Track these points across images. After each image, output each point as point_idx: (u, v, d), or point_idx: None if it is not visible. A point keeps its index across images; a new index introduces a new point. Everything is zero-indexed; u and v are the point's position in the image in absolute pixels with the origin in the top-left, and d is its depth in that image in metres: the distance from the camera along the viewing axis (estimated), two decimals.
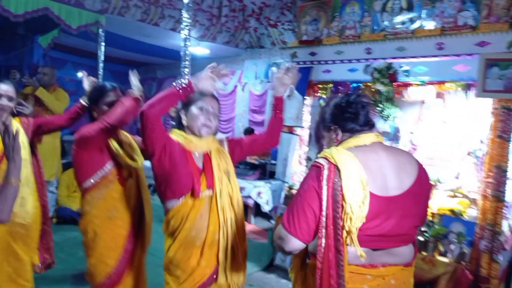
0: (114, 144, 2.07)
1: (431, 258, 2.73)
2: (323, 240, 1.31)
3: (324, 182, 1.31)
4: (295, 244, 1.34)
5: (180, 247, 1.78)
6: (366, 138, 1.44)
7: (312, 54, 3.77)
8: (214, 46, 6.71)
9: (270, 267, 3.83)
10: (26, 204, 2.17)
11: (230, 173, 1.88)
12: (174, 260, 1.79)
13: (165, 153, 1.75)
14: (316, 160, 1.39)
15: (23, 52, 7.30)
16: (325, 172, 1.32)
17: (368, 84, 3.46)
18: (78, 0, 4.83)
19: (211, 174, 1.81)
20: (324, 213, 1.31)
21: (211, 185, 1.80)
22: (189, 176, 1.75)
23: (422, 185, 1.42)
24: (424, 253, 2.79)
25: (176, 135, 1.85)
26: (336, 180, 1.31)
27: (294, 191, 3.82)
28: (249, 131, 6.50)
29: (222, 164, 1.86)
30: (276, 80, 2.03)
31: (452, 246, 2.72)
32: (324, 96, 3.82)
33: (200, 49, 6.70)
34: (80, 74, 2.19)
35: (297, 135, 3.90)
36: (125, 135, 2.20)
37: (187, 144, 1.82)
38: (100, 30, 5.17)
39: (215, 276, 1.81)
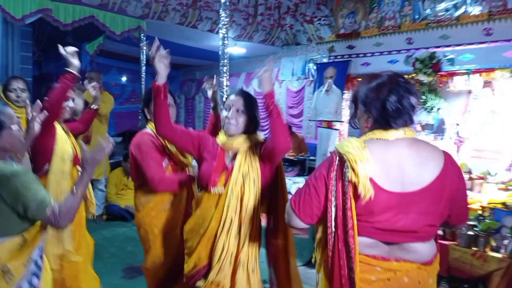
0: (169, 144, 2.18)
1: (482, 253, 2.61)
2: (333, 230, 1.34)
3: (334, 173, 1.34)
4: (298, 222, 1.40)
5: (190, 227, 1.93)
6: (392, 134, 1.36)
7: (350, 47, 3.72)
8: (251, 45, 6.77)
9: (312, 263, 3.82)
10: None
11: (250, 176, 1.82)
12: (185, 234, 1.96)
13: (199, 152, 1.94)
14: (332, 150, 1.41)
15: None
16: (336, 163, 1.34)
17: (409, 75, 3.36)
18: (121, 7, 5.05)
19: (230, 173, 1.86)
20: (333, 203, 1.33)
21: (225, 184, 1.86)
22: (207, 172, 1.87)
23: (445, 182, 1.34)
24: (474, 249, 2.67)
25: (219, 134, 1.96)
26: (345, 170, 1.32)
27: None
28: None
29: (244, 166, 1.84)
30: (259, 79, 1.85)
31: (506, 241, 2.58)
32: None
33: (237, 49, 6.78)
34: (210, 82, 2.17)
35: (336, 129, 3.86)
36: None
37: (220, 143, 1.91)
38: (142, 35, 5.38)
39: (205, 272, 1.86)
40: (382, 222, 1.32)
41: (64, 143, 2.32)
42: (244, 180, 1.82)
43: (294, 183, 5.00)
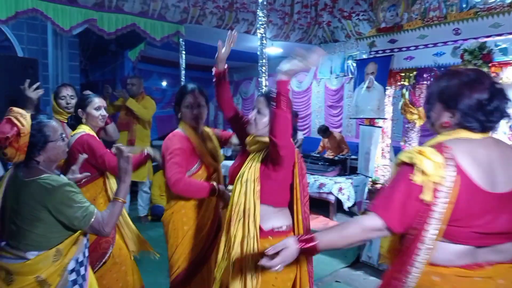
0: (199, 145, 2.21)
1: None
2: (417, 232, 1.25)
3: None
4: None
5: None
6: (480, 134, 1.30)
7: (392, 41, 3.59)
8: (287, 44, 6.72)
9: (356, 264, 3.73)
10: None
11: (244, 176, 1.77)
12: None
13: None
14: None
15: (115, 66, 8.08)
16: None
17: (457, 67, 3.19)
18: (160, 13, 5.20)
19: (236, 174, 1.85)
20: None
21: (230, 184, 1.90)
22: (229, 170, 1.97)
23: None
24: None
25: None
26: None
27: (378, 186, 3.67)
28: (323, 130, 6.39)
29: (246, 168, 1.80)
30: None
31: None
32: (407, 84, 3.61)
33: (274, 49, 6.77)
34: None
35: (379, 127, 3.73)
36: (207, 132, 2.32)
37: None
38: (181, 39, 5.50)
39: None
40: (483, 226, 1.23)
41: None
42: (241, 182, 1.78)
43: (335, 183, 4.92)
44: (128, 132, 4.70)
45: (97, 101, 2.46)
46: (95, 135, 2.44)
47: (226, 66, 2.07)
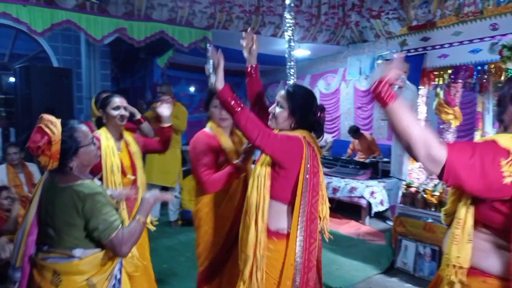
0: (226, 144, 2.19)
1: None
2: None
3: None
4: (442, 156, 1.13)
5: None
6: None
7: (425, 39, 3.46)
8: (315, 46, 6.66)
9: (391, 270, 3.60)
10: None
11: (259, 174, 1.75)
12: None
13: None
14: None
15: (145, 73, 8.27)
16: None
17: (495, 64, 3.03)
18: (187, 19, 5.27)
19: None
20: None
21: None
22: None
23: None
24: None
25: None
26: None
27: (412, 189, 3.53)
28: (353, 131, 6.25)
29: (260, 162, 1.79)
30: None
31: None
32: (441, 83, 3.47)
33: (301, 51, 6.71)
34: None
35: None
36: (237, 133, 2.31)
37: None
38: (208, 45, 5.55)
39: None
40: None
41: (111, 155, 2.37)
42: (253, 174, 1.78)
43: (367, 187, 4.79)
44: None
45: (117, 100, 2.43)
46: (101, 139, 2.41)
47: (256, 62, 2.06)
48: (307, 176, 1.72)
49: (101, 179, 2.27)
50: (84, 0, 4.55)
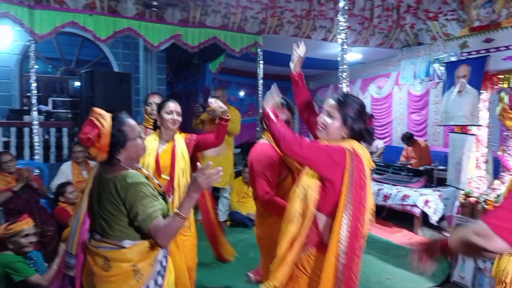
0: (288, 158, 2.18)
1: None
2: None
3: None
4: (500, 246, 1.12)
5: None
6: None
7: (488, 41, 3.27)
8: (367, 50, 6.52)
9: (446, 284, 3.42)
10: None
11: (308, 185, 1.72)
12: None
13: None
14: None
15: (197, 78, 8.55)
16: None
17: None
18: (239, 25, 5.39)
19: None
20: None
21: None
22: None
23: None
24: None
25: None
26: None
27: (472, 199, 3.34)
28: (407, 138, 6.02)
29: (308, 172, 1.77)
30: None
31: None
32: (506, 87, 3.25)
33: (352, 55, 6.60)
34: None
35: (472, 135, 3.41)
36: None
37: None
38: (259, 49, 5.63)
39: None
40: None
41: (146, 155, 2.43)
42: (300, 183, 1.75)
43: (421, 195, 4.59)
44: None
45: (171, 105, 2.54)
46: (154, 141, 2.53)
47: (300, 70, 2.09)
48: (352, 189, 1.62)
49: None
50: (144, 8, 4.81)
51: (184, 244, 2.50)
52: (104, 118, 1.61)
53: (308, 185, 1.68)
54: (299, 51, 2.03)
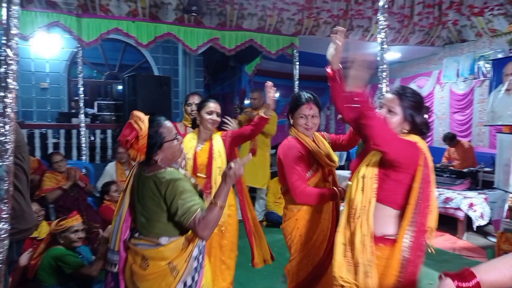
0: (315, 148, 2.19)
1: None
2: None
3: None
4: None
5: None
6: None
7: None
8: (406, 48, 6.35)
9: None
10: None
11: (364, 175, 1.69)
12: None
13: None
14: None
15: (234, 80, 8.67)
16: None
17: None
18: (276, 27, 5.42)
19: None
20: None
21: None
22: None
23: None
24: None
25: None
26: None
27: None
28: (449, 138, 5.79)
29: (365, 163, 1.73)
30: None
31: None
32: None
33: (391, 54, 6.44)
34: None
35: None
36: (318, 136, 2.30)
37: None
38: (295, 51, 5.64)
39: None
40: None
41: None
42: (356, 175, 1.69)
43: (464, 198, 4.41)
44: (251, 142, 4.97)
45: (211, 105, 2.57)
46: (192, 140, 2.59)
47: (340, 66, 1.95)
48: (422, 184, 1.59)
49: None
50: (183, 13, 4.96)
51: (223, 243, 2.57)
52: (142, 121, 1.68)
53: (365, 175, 1.65)
54: (338, 40, 1.88)
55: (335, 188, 2.14)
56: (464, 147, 5.72)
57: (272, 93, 2.47)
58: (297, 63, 5.69)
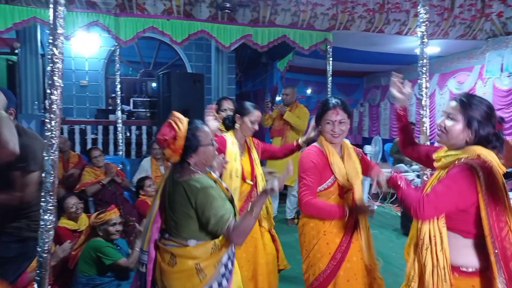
0: (334, 162, 2.13)
1: None
2: None
3: None
4: None
5: None
6: None
7: None
8: (446, 42, 6.08)
9: None
10: None
11: None
12: None
13: None
14: None
15: (265, 77, 8.65)
16: None
17: None
18: (309, 23, 5.34)
19: None
20: None
21: None
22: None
23: None
24: None
25: None
26: None
27: None
28: None
29: (430, 187, 1.70)
30: None
31: None
32: None
33: (430, 48, 6.18)
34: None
35: None
36: (348, 148, 2.24)
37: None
38: (328, 46, 5.54)
39: None
40: None
41: (233, 161, 2.47)
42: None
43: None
44: (282, 138, 4.96)
45: (256, 114, 2.58)
46: (227, 143, 2.57)
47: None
48: (488, 209, 1.50)
49: None
50: (217, 10, 4.99)
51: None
52: (181, 122, 1.70)
53: None
54: (405, 90, 2.03)
55: (346, 208, 2.06)
56: (509, 146, 5.42)
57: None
58: (331, 58, 5.58)
